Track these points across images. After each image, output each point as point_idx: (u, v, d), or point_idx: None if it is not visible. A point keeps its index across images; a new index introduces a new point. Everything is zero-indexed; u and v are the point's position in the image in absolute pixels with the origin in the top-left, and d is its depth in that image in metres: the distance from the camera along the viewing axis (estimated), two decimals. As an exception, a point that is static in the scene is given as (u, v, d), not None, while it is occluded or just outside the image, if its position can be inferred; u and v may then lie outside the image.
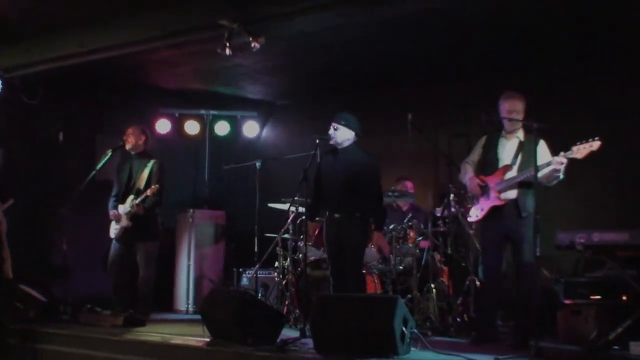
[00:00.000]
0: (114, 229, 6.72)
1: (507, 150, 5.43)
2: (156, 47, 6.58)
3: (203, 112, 8.89)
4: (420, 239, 6.77)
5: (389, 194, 6.89)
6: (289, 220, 6.90)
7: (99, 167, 6.88)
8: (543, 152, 5.20)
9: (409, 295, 6.34)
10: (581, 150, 4.92)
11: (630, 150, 6.64)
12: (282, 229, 6.98)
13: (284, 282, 6.91)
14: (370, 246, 6.33)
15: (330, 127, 5.75)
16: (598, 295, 5.38)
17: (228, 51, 5.89)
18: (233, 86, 8.72)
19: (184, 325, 6.55)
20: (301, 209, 6.61)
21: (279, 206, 7.07)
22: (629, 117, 6.70)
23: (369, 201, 5.63)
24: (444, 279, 6.63)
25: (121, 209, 6.65)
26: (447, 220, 6.56)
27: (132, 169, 6.77)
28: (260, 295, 7.19)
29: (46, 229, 7.54)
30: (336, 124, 5.74)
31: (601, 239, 5.39)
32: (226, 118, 9.04)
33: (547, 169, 5.07)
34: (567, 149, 5.00)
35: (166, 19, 6.08)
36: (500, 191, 5.34)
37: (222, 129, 9.03)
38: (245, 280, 7.78)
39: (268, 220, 7.03)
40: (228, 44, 5.85)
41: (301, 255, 6.66)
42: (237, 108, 9.11)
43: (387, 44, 6.95)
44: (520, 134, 5.43)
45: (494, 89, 5.63)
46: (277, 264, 7.14)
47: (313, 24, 6.01)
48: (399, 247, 6.63)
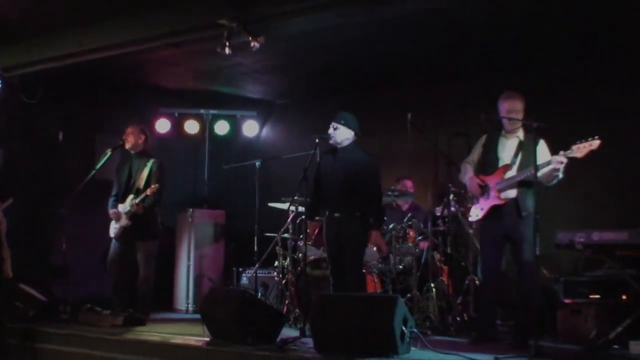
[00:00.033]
0: (113, 228, 6.72)
1: (507, 149, 5.43)
2: (156, 47, 6.58)
3: (203, 111, 8.88)
4: (420, 238, 6.77)
5: (389, 193, 6.89)
6: (288, 219, 6.91)
7: (98, 167, 6.87)
8: (543, 152, 5.21)
9: (409, 295, 6.34)
10: (581, 149, 4.93)
11: (630, 150, 6.65)
12: (282, 229, 6.99)
13: (284, 281, 6.91)
14: (370, 246, 6.33)
15: (330, 126, 5.76)
16: (598, 295, 5.39)
17: (228, 50, 5.90)
18: (233, 86, 8.71)
19: (184, 324, 6.54)
20: (301, 208, 6.62)
21: (278, 205, 7.07)
22: (629, 117, 6.70)
23: (368, 200, 5.64)
24: (444, 278, 6.63)
25: (121, 208, 6.65)
26: (447, 220, 6.56)
27: (132, 168, 6.77)
28: (260, 294, 7.19)
29: (46, 228, 7.53)
30: (336, 124, 5.75)
31: (601, 238, 5.42)
32: (226, 117, 9.04)
33: (546, 168, 5.07)
34: (567, 148, 5.00)
35: (166, 18, 6.08)
36: (500, 190, 5.34)
37: (222, 128, 9.02)
38: (245, 280, 7.78)
39: (268, 220, 7.03)
40: (228, 44, 5.86)
41: (301, 255, 6.66)
42: (237, 107, 9.10)
43: (387, 44, 6.95)
44: (520, 134, 5.43)
45: (494, 89, 5.63)
46: (276, 263, 7.14)
47: (313, 23, 6.00)
48: (398, 246, 6.63)
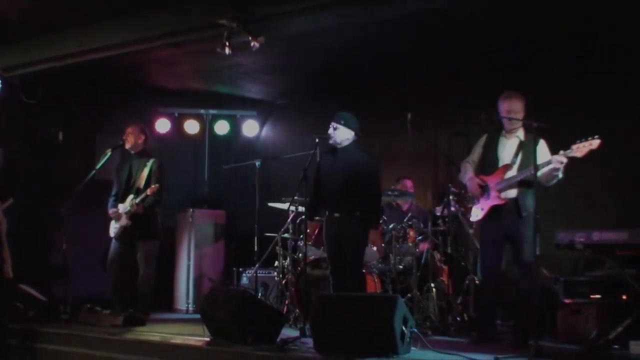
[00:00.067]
0: (113, 227, 6.72)
1: (507, 149, 5.43)
2: (156, 47, 6.58)
3: (202, 111, 8.88)
4: (420, 238, 6.77)
5: (389, 193, 6.89)
6: (288, 219, 6.91)
7: (98, 167, 6.87)
8: (543, 152, 5.21)
9: (409, 295, 6.34)
10: (581, 149, 4.93)
11: (630, 150, 6.64)
12: (282, 229, 6.99)
13: (284, 281, 6.91)
14: (370, 245, 6.33)
15: (330, 126, 5.76)
16: (598, 295, 5.39)
17: (228, 50, 5.90)
18: (232, 85, 8.71)
19: (184, 324, 6.54)
20: (301, 208, 6.62)
21: (278, 205, 7.07)
22: (629, 117, 6.70)
23: (367, 200, 5.63)
24: (444, 278, 6.62)
25: (121, 208, 6.64)
26: (447, 220, 6.55)
27: (132, 168, 6.77)
28: (260, 294, 7.19)
29: (46, 228, 7.53)
30: (336, 124, 5.75)
31: (601, 238, 5.43)
32: (226, 117, 9.04)
33: (546, 168, 5.07)
34: (567, 148, 5.00)
35: (166, 18, 6.08)
36: (500, 190, 5.34)
37: (222, 128, 9.02)
38: (245, 280, 7.77)
39: (268, 220, 7.03)
40: (228, 44, 5.86)
41: (301, 255, 6.66)
42: (237, 107, 9.10)
43: (387, 44, 6.95)
44: (521, 134, 5.43)
45: (494, 89, 5.63)
46: (277, 263, 7.14)
47: (313, 24, 6.00)
48: (398, 246, 6.63)
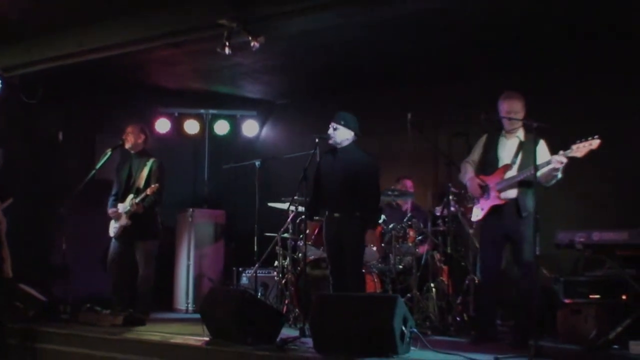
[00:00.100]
0: (113, 227, 6.71)
1: (507, 149, 5.42)
2: (156, 47, 6.58)
3: (202, 111, 8.88)
4: (420, 238, 6.77)
5: (389, 192, 6.89)
6: (288, 219, 6.91)
7: (98, 167, 6.86)
8: (543, 152, 5.20)
9: (409, 295, 6.33)
10: (581, 149, 4.92)
11: (630, 150, 6.64)
12: (282, 228, 6.99)
13: (284, 281, 6.91)
14: (370, 245, 6.33)
15: (330, 126, 5.76)
16: (598, 295, 5.38)
17: (227, 50, 5.91)
18: (232, 85, 8.71)
19: (184, 324, 6.54)
20: (301, 208, 6.62)
21: (278, 205, 7.07)
22: (629, 117, 6.69)
23: (366, 199, 5.63)
24: (444, 278, 6.62)
25: (120, 207, 6.64)
26: (447, 220, 6.55)
27: (132, 167, 6.77)
28: (260, 294, 7.19)
29: (46, 228, 7.53)
30: (335, 124, 5.75)
31: (601, 238, 5.42)
32: (226, 117, 9.04)
33: (546, 168, 5.06)
34: (566, 148, 5.00)
35: (166, 18, 6.08)
36: (500, 190, 5.34)
37: (222, 128, 9.02)
38: (244, 280, 7.78)
39: (268, 220, 7.03)
40: (228, 44, 5.86)
41: (301, 255, 6.66)
42: (237, 107, 9.11)
43: (387, 44, 6.95)
44: (521, 134, 5.43)
45: (494, 89, 5.63)
46: (276, 263, 7.14)
47: (313, 23, 6.00)
48: (398, 246, 6.62)
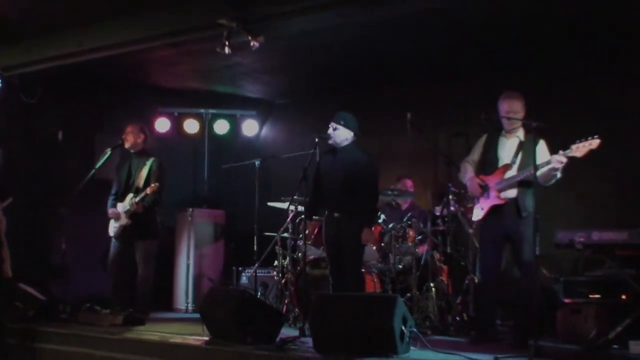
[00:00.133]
0: (113, 227, 6.71)
1: (507, 149, 5.43)
2: (156, 47, 6.58)
3: (202, 111, 8.88)
4: (420, 237, 6.77)
5: (388, 192, 6.89)
6: (288, 219, 6.91)
7: (98, 166, 6.85)
8: (542, 152, 5.20)
9: (409, 294, 6.33)
10: (580, 149, 4.93)
11: (630, 150, 6.64)
12: (282, 228, 6.98)
13: (284, 281, 6.91)
14: (370, 245, 6.33)
15: (330, 126, 5.76)
16: (597, 294, 5.39)
17: (227, 50, 5.90)
18: (232, 85, 8.71)
19: (184, 324, 6.54)
20: (300, 207, 6.62)
21: (278, 205, 7.07)
22: (629, 117, 6.70)
23: (364, 198, 5.62)
24: (444, 277, 6.63)
25: (120, 207, 6.64)
26: (447, 219, 6.55)
27: (132, 167, 6.77)
28: (260, 294, 7.19)
29: (46, 228, 7.53)
30: (335, 124, 5.75)
31: (600, 238, 5.43)
32: (225, 117, 9.03)
33: (545, 167, 5.06)
34: (566, 148, 5.00)
35: (166, 18, 6.08)
36: (500, 190, 5.34)
37: (222, 127, 9.02)
38: (244, 279, 7.78)
39: (267, 219, 7.03)
40: (227, 43, 5.86)
41: (300, 254, 6.66)
42: (237, 107, 9.10)
43: (387, 44, 6.94)
44: (521, 134, 5.43)
45: (494, 88, 5.63)
46: (276, 262, 7.14)
47: (313, 23, 6.00)
48: (398, 246, 6.63)
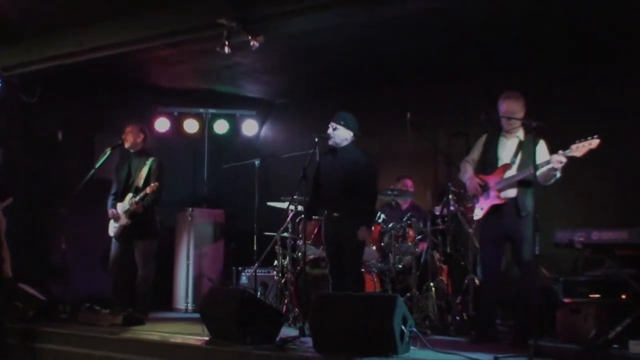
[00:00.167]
0: (113, 227, 6.71)
1: (507, 149, 5.43)
2: (156, 47, 6.58)
3: (202, 110, 8.87)
4: (420, 237, 6.77)
5: (388, 192, 6.90)
6: (288, 218, 6.91)
7: (97, 166, 6.85)
8: (542, 152, 5.20)
9: (408, 294, 6.34)
10: (580, 149, 4.93)
11: (630, 150, 6.64)
12: (281, 228, 6.99)
13: (283, 280, 6.91)
14: (370, 245, 6.34)
15: (329, 126, 5.76)
16: (597, 294, 5.38)
17: (227, 50, 5.90)
18: (232, 85, 8.70)
19: (183, 324, 6.54)
20: (300, 207, 6.62)
21: (278, 205, 7.07)
22: (629, 117, 6.70)
23: (362, 197, 5.62)
24: (443, 277, 6.63)
25: (120, 207, 6.64)
26: (446, 219, 6.55)
27: (131, 167, 6.76)
28: (260, 294, 7.19)
29: (45, 228, 7.52)
30: (335, 124, 5.75)
31: (600, 237, 5.43)
32: (225, 117, 9.03)
33: (545, 167, 5.07)
34: (566, 148, 5.00)
35: (166, 18, 6.08)
36: (500, 190, 5.34)
37: (221, 127, 9.02)
38: (244, 279, 7.78)
39: (267, 219, 7.03)
40: (227, 43, 5.86)
41: (300, 254, 6.66)
42: (236, 107, 9.10)
43: (387, 44, 6.94)
44: (520, 134, 5.43)
45: (494, 89, 5.63)
46: (276, 262, 7.14)
47: (313, 23, 6.00)
48: (398, 245, 6.63)
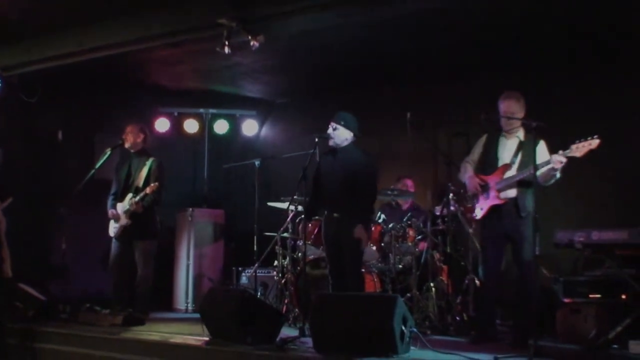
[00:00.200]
0: (113, 227, 6.71)
1: (507, 149, 5.43)
2: (156, 47, 6.58)
3: (202, 110, 8.87)
4: (420, 237, 6.77)
5: (388, 192, 6.89)
6: (288, 219, 6.91)
7: (97, 166, 6.86)
8: (542, 152, 5.20)
9: (408, 294, 6.33)
10: (580, 149, 4.93)
11: (630, 150, 6.64)
12: (281, 228, 6.98)
13: (283, 281, 6.91)
14: (370, 245, 6.33)
15: (329, 126, 5.76)
16: (597, 294, 5.39)
17: (227, 50, 5.90)
18: (232, 85, 8.70)
19: (183, 324, 6.54)
20: (300, 207, 6.61)
21: (278, 205, 7.07)
22: (629, 117, 6.70)
23: (361, 197, 5.61)
24: (443, 277, 6.63)
25: (119, 207, 6.64)
26: (447, 219, 6.55)
27: (131, 167, 6.77)
28: (260, 294, 7.19)
29: (46, 228, 7.53)
30: (335, 124, 5.74)
31: (600, 237, 5.43)
32: (225, 117, 9.03)
33: (545, 168, 5.07)
34: (566, 148, 5.00)
35: (166, 18, 6.08)
36: (500, 190, 5.34)
37: (221, 127, 9.01)
38: (244, 279, 7.78)
39: (267, 219, 7.03)
40: (227, 43, 5.86)
41: (300, 254, 6.65)
42: (236, 107, 9.09)
43: (387, 44, 6.94)
44: (520, 134, 5.43)
45: (494, 89, 5.63)
46: (276, 262, 7.14)
47: (313, 23, 6.00)
48: (398, 245, 6.62)
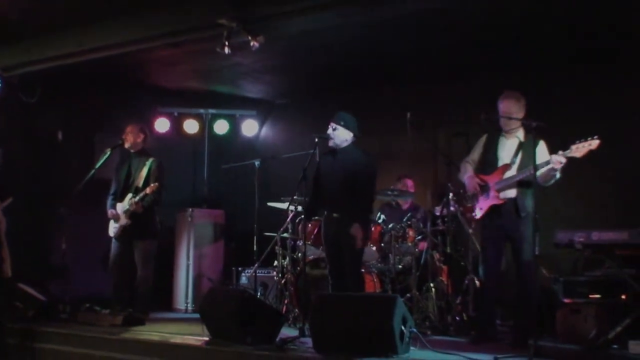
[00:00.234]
0: (113, 227, 6.72)
1: (507, 149, 5.43)
2: (156, 47, 6.58)
3: (202, 111, 8.87)
4: (420, 237, 6.77)
5: (388, 192, 6.89)
6: (288, 219, 6.91)
7: (97, 166, 6.85)
8: (542, 152, 5.20)
9: (408, 295, 6.33)
10: (580, 149, 4.93)
11: (630, 150, 6.65)
12: (281, 228, 6.98)
13: (283, 281, 6.91)
14: (370, 245, 6.33)
15: (329, 126, 5.76)
16: (597, 294, 5.39)
17: (227, 50, 5.90)
18: (232, 85, 8.71)
19: (183, 324, 6.54)
20: (300, 208, 6.61)
21: (278, 205, 7.07)
22: (629, 117, 6.70)
23: (360, 196, 5.61)
24: (443, 278, 6.63)
25: (119, 207, 6.64)
26: (446, 219, 6.55)
27: (131, 167, 6.77)
28: (260, 294, 7.19)
29: (46, 228, 7.52)
30: (335, 124, 5.74)
31: (600, 237, 5.44)
32: (225, 117, 9.03)
33: (545, 168, 5.07)
34: (566, 148, 5.00)
35: (166, 18, 6.08)
36: (500, 190, 5.34)
37: (221, 127, 9.01)
38: (244, 279, 7.78)
39: (267, 219, 7.03)
40: (227, 43, 5.86)
41: (300, 254, 6.65)
42: (236, 107, 9.09)
43: (387, 44, 6.94)
44: (520, 134, 5.43)
45: (494, 89, 5.63)
46: (276, 263, 7.14)
47: (313, 23, 6.00)
48: (398, 246, 6.62)
